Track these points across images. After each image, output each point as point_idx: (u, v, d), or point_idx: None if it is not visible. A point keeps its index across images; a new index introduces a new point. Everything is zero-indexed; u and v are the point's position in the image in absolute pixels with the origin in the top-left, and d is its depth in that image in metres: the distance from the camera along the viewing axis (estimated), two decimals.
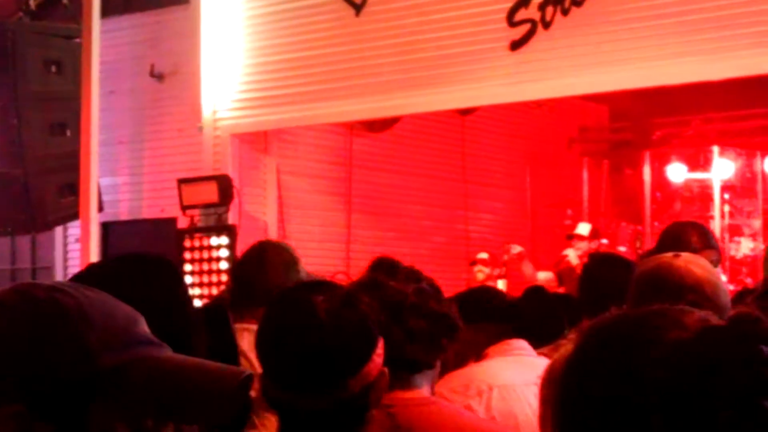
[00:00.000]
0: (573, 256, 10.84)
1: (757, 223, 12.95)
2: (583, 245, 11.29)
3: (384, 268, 4.00)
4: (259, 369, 2.29)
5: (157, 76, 11.18)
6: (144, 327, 1.36)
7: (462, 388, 3.85)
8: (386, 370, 2.32)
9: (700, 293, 3.21)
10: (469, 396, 3.80)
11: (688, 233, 5.20)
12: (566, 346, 4.81)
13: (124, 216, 11.34)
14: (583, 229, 11.69)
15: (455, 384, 3.85)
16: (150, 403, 1.29)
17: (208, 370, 1.35)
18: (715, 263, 4.95)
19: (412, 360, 2.68)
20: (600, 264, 5.34)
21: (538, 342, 4.63)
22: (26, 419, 1.25)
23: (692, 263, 3.34)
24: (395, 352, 2.46)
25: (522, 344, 4.16)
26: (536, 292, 5.35)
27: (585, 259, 11.09)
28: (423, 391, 2.79)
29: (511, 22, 9.32)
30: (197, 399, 1.29)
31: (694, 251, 4.18)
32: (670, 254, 3.47)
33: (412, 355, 2.67)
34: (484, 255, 11.34)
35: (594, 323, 1.45)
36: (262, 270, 4.65)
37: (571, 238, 11.47)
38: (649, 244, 13.19)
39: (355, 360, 2.27)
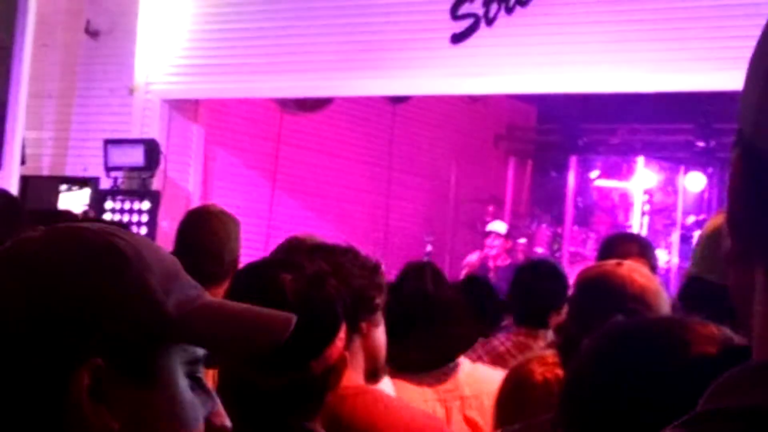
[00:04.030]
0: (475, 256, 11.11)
1: (674, 237, 13.13)
2: (498, 243, 11.44)
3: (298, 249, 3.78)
4: None
5: (93, 33, 11.02)
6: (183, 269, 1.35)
7: None
8: (347, 354, 2.32)
9: (642, 302, 3.24)
10: None
11: (627, 244, 5.26)
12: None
13: (45, 171, 11.17)
14: (500, 227, 11.83)
15: None
16: (212, 348, 1.28)
17: (262, 314, 1.35)
18: None
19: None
20: (531, 269, 5.41)
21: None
22: (103, 372, 1.21)
23: (635, 272, 3.37)
24: None
25: None
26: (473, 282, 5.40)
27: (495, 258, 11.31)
28: (356, 377, 2.77)
29: (455, 15, 9.34)
30: (253, 343, 1.30)
31: None
32: (613, 262, 3.49)
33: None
34: None
35: (611, 329, 1.46)
36: (226, 240, 4.43)
37: (488, 235, 11.66)
38: (567, 247, 13.36)
39: (319, 342, 2.26)
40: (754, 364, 0.77)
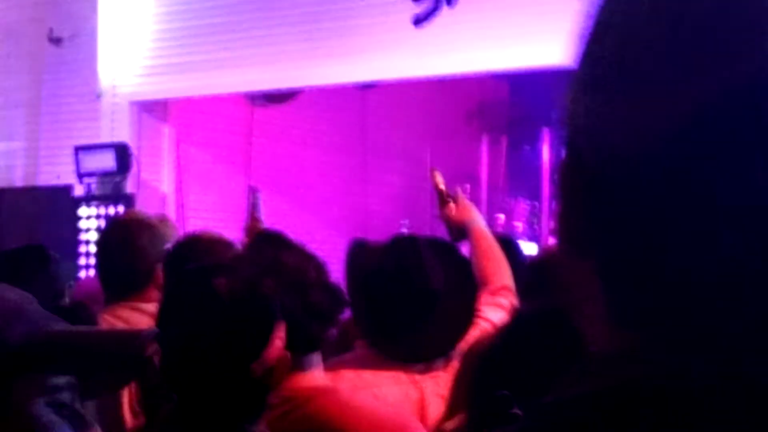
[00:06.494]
0: None
1: None
2: None
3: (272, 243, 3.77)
4: None
5: (55, 41, 10.97)
6: (37, 305, 1.37)
7: None
8: (288, 353, 2.32)
9: None
10: None
11: None
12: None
13: (18, 182, 11.14)
14: None
15: None
16: (66, 372, 1.29)
17: (111, 335, 1.38)
18: None
19: (312, 337, 2.69)
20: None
21: None
22: None
23: None
24: (294, 329, 2.43)
25: None
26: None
27: None
28: (317, 373, 2.79)
29: None
30: (107, 364, 1.31)
31: None
32: None
33: (313, 332, 2.69)
34: None
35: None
36: (128, 254, 4.28)
37: None
38: (546, 220, 13.35)
39: (257, 343, 2.27)
40: (588, 355, 0.79)
